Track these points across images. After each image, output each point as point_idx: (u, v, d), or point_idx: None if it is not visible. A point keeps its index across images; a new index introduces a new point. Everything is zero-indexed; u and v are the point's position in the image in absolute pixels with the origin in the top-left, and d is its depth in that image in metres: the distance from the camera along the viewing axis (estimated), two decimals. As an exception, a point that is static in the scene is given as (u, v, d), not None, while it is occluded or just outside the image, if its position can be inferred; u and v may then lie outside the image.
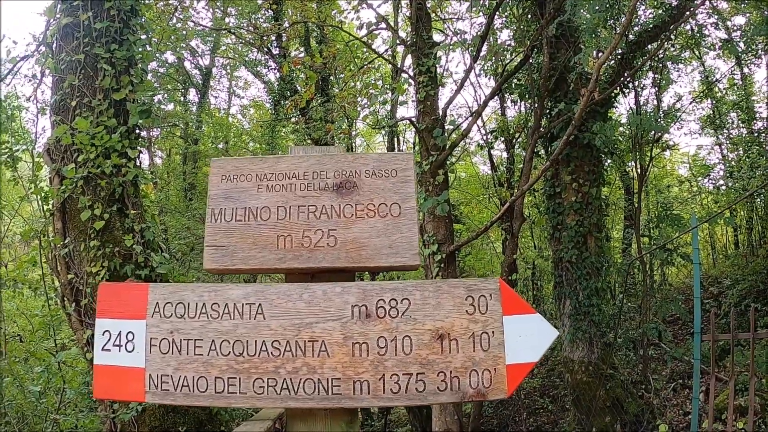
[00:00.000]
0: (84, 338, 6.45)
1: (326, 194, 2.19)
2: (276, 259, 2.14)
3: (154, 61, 16.04)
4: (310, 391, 1.93)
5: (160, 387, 1.98)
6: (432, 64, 10.11)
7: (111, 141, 6.50)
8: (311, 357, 1.96)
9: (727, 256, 20.09)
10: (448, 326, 1.98)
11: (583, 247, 10.19)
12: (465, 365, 1.94)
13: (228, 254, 2.16)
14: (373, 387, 1.93)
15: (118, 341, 2.05)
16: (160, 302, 2.07)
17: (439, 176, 9.36)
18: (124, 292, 2.13)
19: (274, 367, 1.96)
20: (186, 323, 2.04)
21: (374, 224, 2.15)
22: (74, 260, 6.57)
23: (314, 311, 2.02)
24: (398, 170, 2.23)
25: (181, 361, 2.00)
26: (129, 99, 7.01)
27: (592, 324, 9.99)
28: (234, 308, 2.03)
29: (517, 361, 1.94)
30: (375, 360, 1.95)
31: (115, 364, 2.02)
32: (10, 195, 16.12)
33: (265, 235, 2.17)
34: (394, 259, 2.12)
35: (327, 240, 2.14)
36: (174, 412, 6.30)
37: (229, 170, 2.26)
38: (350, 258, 2.12)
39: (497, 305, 2.01)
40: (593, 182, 10.43)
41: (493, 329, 1.98)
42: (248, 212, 2.20)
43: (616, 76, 10.38)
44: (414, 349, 1.96)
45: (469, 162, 23.32)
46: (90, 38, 6.94)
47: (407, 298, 2.02)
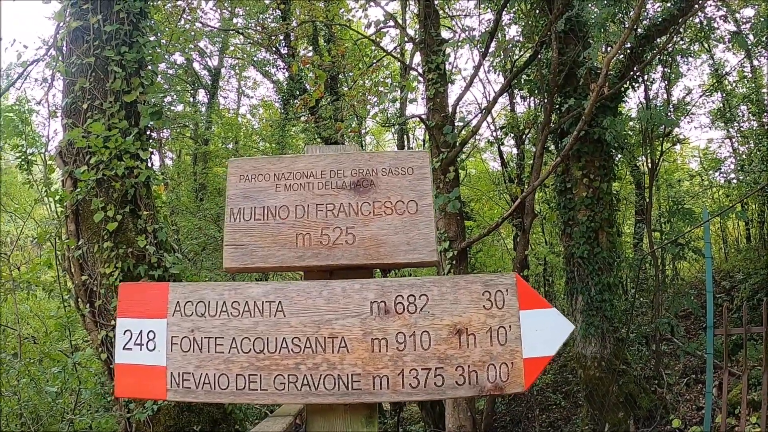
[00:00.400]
0: (98, 339, 6.50)
1: (344, 192, 2.22)
2: (295, 257, 2.17)
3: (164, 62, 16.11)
4: (331, 386, 1.95)
5: (181, 385, 2.01)
6: (441, 61, 10.11)
7: (125, 144, 6.54)
8: (331, 353, 1.99)
9: (739, 251, 19.97)
10: (465, 321, 2.00)
11: (595, 243, 10.17)
12: (483, 359, 1.96)
13: (248, 253, 2.18)
14: (392, 382, 1.95)
15: (140, 340, 2.07)
16: (181, 301, 2.10)
17: (450, 173, 9.37)
18: (145, 292, 2.15)
19: (295, 363, 1.98)
20: (207, 321, 2.06)
21: (392, 221, 2.18)
22: (88, 262, 6.62)
23: (334, 308, 2.04)
24: (414, 168, 2.26)
25: (202, 359, 2.02)
26: (140, 101, 7.05)
27: (604, 319, 9.97)
28: (254, 306, 2.06)
29: (534, 355, 1.96)
30: (394, 355, 1.97)
31: (137, 362, 2.05)
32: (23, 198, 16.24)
33: (284, 234, 2.19)
34: (412, 256, 2.15)
35: (345, 237, 2.16)
36: (189, 411, 6.34)
37: (247, 170, 2.29)
38: (368, 255, 2.14)
39: (514, 300, 2.03)
40: (604, 177, 10.40)
41: (510, 324, 2.00)
42: (267, 211, 2.22)
43: (626, 70, 10.34)
44: (432, 344, 1.98)
45: (479, 158, 23.31)
46: (100, 41, 6.98)
47: (425, 294, 2.04)
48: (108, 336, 6.43)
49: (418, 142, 18.84)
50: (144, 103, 7.05)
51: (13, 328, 8.36)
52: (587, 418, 10.32)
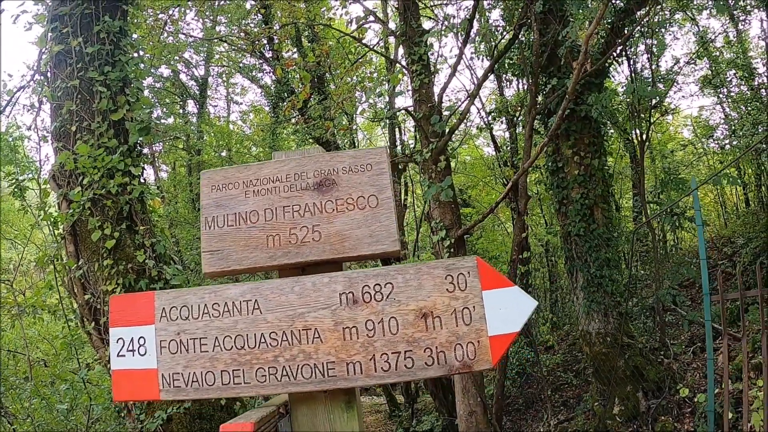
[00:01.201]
0: (106, 356, 6.57)
1: (308, 193, 2.34)
2: (267, 257, 2.29)
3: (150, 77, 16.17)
4: (308, 375, 2.07)
5: (172, 384, 2.14)
6: (423, 52, 10.16)
7: (112, 162, 6.61)
8: (306, 344, 2.10)
9: (738, 216, 20.05)
10: (430, 305, 2.10)
11: (590, 219, 10.23)
12: (449, 340, 2.06)
13: (223, 257, 2.32)
14: (365, 367, 2.06)
15: (131, 346, 2.21)
16: (166, 307, 2.23)
17: (441, 162, 9.43)
18: (133, 302, 2.28)
19: (273, 356, 2.10)
20: (191, 324, 2.19)
21: (354, 217, 2.30)
22: (89, 280, 6.69)
23: (305, 302, 2.16)
24: (373, 164, 2.37)
25: (189, 359, 2.15)
26: (127, 118, 7.11)
27: (605, 295, 10.04)
28: (233, 306, 2.18)
29: (499, 332, 2.06)
30: (365, 342, 2.09)
31: (131, 367, 2.20)
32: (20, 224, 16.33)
33: (256, 237, 2.32)
34: (376, 247, 2.26)
35: (312, 235, 2.28)
36: (200, 418, 6.42)
37: (218, 180, 2.42)
38: (335, 250, 2.26)
39: (476, 281, 2.12)
40: (594, 154, 10.45)
41: (474, 304, 2.09)
42: (238, 217, 2.35)
43: (608, 46, 10.39)
44: (400, 329, 2.09)
45: (472, 145, 23.37)
46: (83, 63, 7.04)
47: (390, 282, 2.15)
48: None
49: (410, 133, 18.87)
50: (131, 120, 7.12)
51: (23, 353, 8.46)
52: (596, 393, 10.40)
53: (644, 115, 12.28)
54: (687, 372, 10.21)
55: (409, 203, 18.78)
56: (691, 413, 9.09)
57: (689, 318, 10.71)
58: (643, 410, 9.61)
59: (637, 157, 15.00)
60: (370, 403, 20.80)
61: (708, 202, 22.44)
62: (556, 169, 10.75)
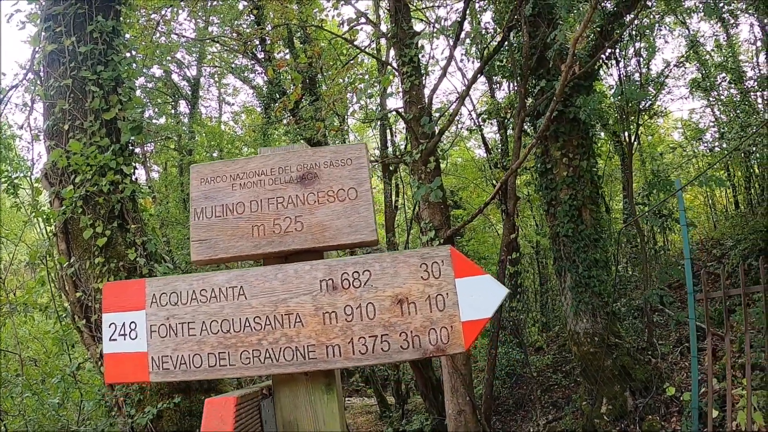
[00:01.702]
0: (97, 353, 6.62)
1: (291, 186, 2.46)
2: (252, 246, 2.41)
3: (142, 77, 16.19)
4: (290, 357, 2.17)
5: (161, 367, 2.25)
6: (414, 54, 10.21)
7: (105, 159, 6.66)
8: (288, 328, 2.21)
9: (727, 218, 20.20)
10: (406, 291, 2.21)
11: (579, 220, 10.34)
12: (424, 325, 2.17)
13: (211, 246, 2.43)
14: (343, 350, 2.17)
15: (123, 331, 2.31)
16: (156, 293, 2.33)
17: (431, 163, 9.49)
18: (125, 288, 2.39)
19: (257, 339, 2.21)
20: (179, 309, 2.29)
21: (335, 208, 2.41)
22: (81, 278, 6.74)
23: (288, 288, 2.26)
24: (353, 158, 2.48)
25: (177, 343, 2.26)
26: (119, 117, 7.16)
27: (593, 295, 10.14)
28: (219, 292, 2.29)
29: (471, 318, 2.16)
30: (344, 326, 2.19)
31: (122, 351, 2.30)
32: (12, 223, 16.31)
33: (242, 227, 2.43)
34: (354, 237, 2.38)
35: (295, 225, 2.40)
36: (190, 415, 6.48)
37: (207, 174, 2.53)
38: (316, 239, 2.38)
39: (449, 269, 2.23)
40: (583, 155, 10.55)
41: (447, 291, 2.20)
42: (225, 209, 2.47)
43: (597, 49, 10.49)
44: (377, 314, 2.20)
45: (463, 147, 23.47)
46: (76, 62, 7.09)
47: (368, 269, 2.26)
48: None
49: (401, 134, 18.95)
50: (123, 119, 7.17)
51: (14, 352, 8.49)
52: (585, 393, 10.49)
53: (633, 117, 12.38)
54: (674, 372, 10.32)
55: (399, 205, 18.83)
56: (678, 412, 9.19)
57: (677, 318, 10.81)
58: (631, 409, 9.71)
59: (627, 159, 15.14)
60: (360, 404, 20.84)
61: (697, 205, 22.60)
62: (545, 171, 10.85)
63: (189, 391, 6.60)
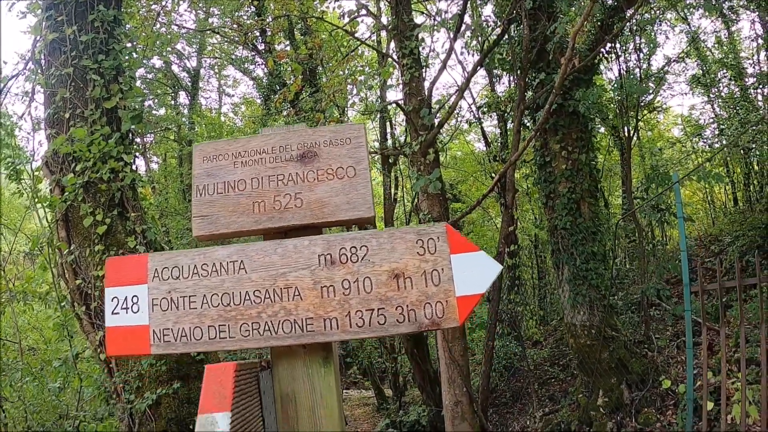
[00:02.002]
0: (97, 340, 6.66)
1: (292, 164, 2.51)
2: (252, 221, 2.46)
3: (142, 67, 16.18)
4: (288, 330, 2.22)
5: (162, 339, 2.29)
6: (414, 46, 10.22)
7: (108, 146, 6.68)
8: (287, 301, 2.25)
9: (726, 214, 20.24)
10: (402, 266, 2.26)
11: (577, 213, 10.37)
12: (419, 299, 2.22)
13: (212, 222, 2.49)
14: (341, 323, 2.22)
15: (125, 304, 2.35)
16: (159, 268, 2.38)
17: (430, 155, 9.51)
18: (128, 263, 2.44)
19: (257, 312, 2.26)
20: (181, 283, 2.34)
21: (333, 185, 2.46)
22: (81, 266, 6.77)
23: (287, 262, 2.31)
24: (352, 138, 2.54)
25: (179, 316, 2.30)
26: (120, 106, 7.18)
27: (591, 288, 10.18)
28: (220, 266, 2.34)
29: (466, 293, 2.21)
30: (341, 300, 2.24)
31: (124, 324, 2.35)
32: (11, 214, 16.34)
33: (243, 203, 2.49)
34: (352, 213, 2.43)
35: (294, 202, 2.45)
36: (188, 402, 6.51)
37: (209, 152, 2.59)
38: (315, 215, 2.43)
39: (445, 246, 2.28)
40: (582, 149, 10.59)
41: (443, 267, 2.25)
42: (227, 185, 2.52)
43: (597, 43, 10.50)
44: (374, 288, 2.24)
45: (463, 140, 23.48)
46: (77, 51, 7.10)
47: (365, 245, 2.31)
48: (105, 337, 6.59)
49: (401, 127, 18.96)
50: (124, 108, 7.19)
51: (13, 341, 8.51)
52: (581, 386, 10.54)
53: (632, 112, 12.40)
54: (671, 365, 10.37)
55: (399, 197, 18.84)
56: (674, 405, 9.24)
57: (673, 312, 10.86)
58: (627, 402, 9.76)
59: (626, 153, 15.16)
60: (358, 397, 20.92)
61: (696, 201, 22.63)
62: (544, 164, 10.89)
63: (188, 378, 6.64)
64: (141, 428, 6.52)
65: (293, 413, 2.22)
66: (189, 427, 6.50)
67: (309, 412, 2.22)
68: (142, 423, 6.50)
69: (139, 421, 6.50)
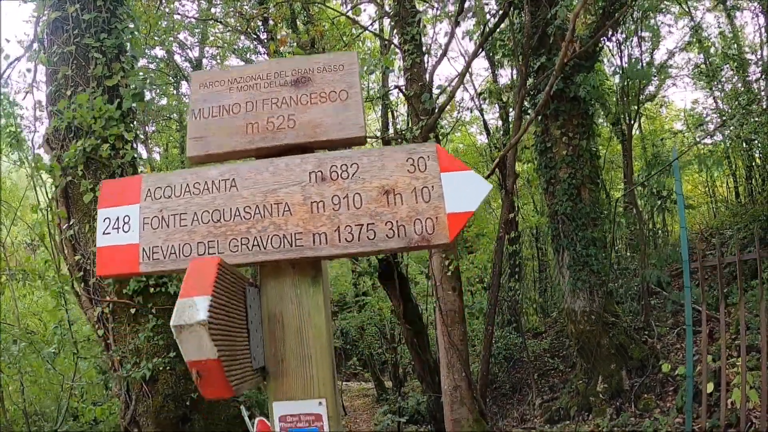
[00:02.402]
0: (95, 316, 6.67)
1: (286, 89, 2.52)
2: (246, 141, 2.47)
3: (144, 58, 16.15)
4: (277, 245, 2.22)
5: (152, 257, 2.29)
6: (416, 33, 10.25)
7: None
8: (277, 216, 2.26)
9: (728, 207, 20.23)
10: (392, 183, 2.26)
11: (577, 199, 10.39)
12: (410, 215, 2.21)
13: (207, 144, 2.50)
14: (330, 237, 2.21)
15: (117, 224, 2.35)
16: (152, 188, 2.39)
17: (431, 139, 9.51)
18: (122, 185, 2.45)
19: (246, 228, 2.26)
20: (173, 201, 2.35)
21: (326, 108, 2.47)
22: (80, 242, 6.78)
23: (278, 180, 2.32)
24: (345, 65, 2.55)
25: (169, 233, 2.31)
26: (122, 84, 7.19)
27: (591, 273, 10.19)
28: (212, 184, 2.35)
29: (456, 210, 2.21)
30: (331, 215, 2.24)
31: (115, 243, 2.33)
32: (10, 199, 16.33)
33: (237, 125, 2.50)
34: (344, 133, 2.43)
35: (288, 123, 2.46)
36: (185, 378, 6.51)
37: (206, 79, 2.61)
38: (307, 135, 2.44)
39: (435, 164, 2.28)
40: (583, 135, 10.61)
41: (433, 184, 2.25)
42: (222, 109, 2.53)
43: (599, 30, 10.50)
44: (364, 204, 2.24)
45: (465, 132, 23.50)
46: (79, 29, 7.11)
47: (356, 162, 2.31)
48: (103, 312, 6.62)
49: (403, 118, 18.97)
50: (126, 86, 7.20)
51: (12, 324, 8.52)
52: (581, 372, 10.54)
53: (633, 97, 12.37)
54: (671, 352, 10.36)
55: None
56: (674, 391, 9.24)
57: (672, 299, 10.86)
58: (627, 388, 9.76)
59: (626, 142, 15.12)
60: (358, 388, 20.99)
61: (698, 195, 22.61)
62: (545, 150, 10.90)
63: (186, 354, 6.62)
64: (138, 405, 6.54)
65: (280, 333, 2.22)
66: (186, 403, 6.51)
67: (296, 332, 2.21)
68: (138, 399, 6.52)
69: (135, 397, 6.52)
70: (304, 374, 2.19)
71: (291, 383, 2.19)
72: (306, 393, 2.17)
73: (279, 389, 2.20)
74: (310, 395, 2.17)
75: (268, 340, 2.22)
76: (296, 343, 2.21)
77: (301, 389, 2.18)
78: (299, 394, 2.18)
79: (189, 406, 6.54)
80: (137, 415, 6.56)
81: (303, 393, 2.18)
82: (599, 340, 9.90)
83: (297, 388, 2.18)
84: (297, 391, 2.18)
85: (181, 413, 6.55)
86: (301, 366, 2.20)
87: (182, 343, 1.74)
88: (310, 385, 2.18)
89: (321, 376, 2.18)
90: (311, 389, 2.17)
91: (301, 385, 2.18)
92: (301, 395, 2.17)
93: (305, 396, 2.17)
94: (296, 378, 2.19)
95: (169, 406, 6.51)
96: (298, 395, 2.17)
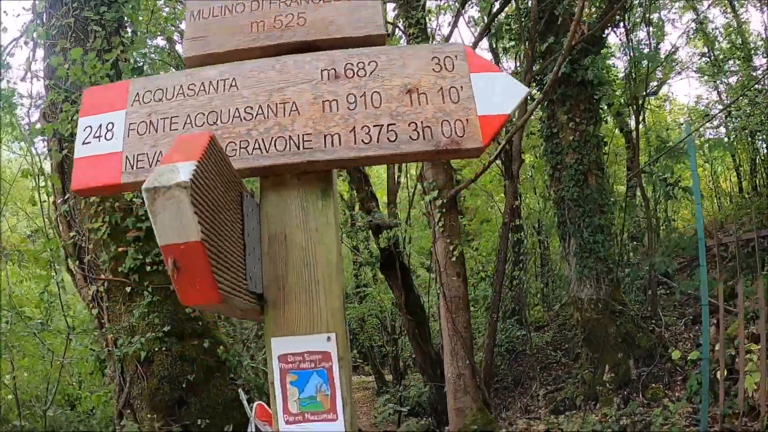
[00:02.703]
0: (89, 294, 6.50)
1: None
2: (249, 40, 2.20)
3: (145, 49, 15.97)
4: (282, 148, 1.94)
5: (135, 166, 1.99)
6: (421, 17, 10.14)
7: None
8: (282, 117, 1.98)
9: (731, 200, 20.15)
10: (415, 82, 2.01)
11: (584, 185, 10.23)
12: (436, 116, 1.96)
13: (206, 43, 2.22)
14: (344, 139, 1.94)
15: (98, 132, 2.06)
16: (140, 92, 2.11)
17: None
18: (107, 91, 2.18)
19: (246, 130, 1.98)
20: (163, 105, 2.07)
21: (339, 6, 2.21)
22: (75, 218, 6.63)
23: (285, 78, 2.05)
24: None
25: (157, 138, 2.02)
26: (121, 59, 7.00)
27: (598, 261, 10.02)
28: (209, 85, 2.07)
29: (489, 113, 1.96)
30: (345, 114, 1.97)
31: (94, 153, 2.04)
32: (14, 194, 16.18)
33: (240, 24, 2.23)
34: (361, 31, 2.17)
35: (297, 21, 2.20)
36: (181, 359, 6.32)
37: None
38: (319, 32, 2.17)
39: (464, 64, 2.04)
40: (590, 120, 10.48)
41: (462, 84, 2.00)
42: (224, 9, 2.26)
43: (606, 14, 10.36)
44: (384, 103, 1.98)
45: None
46: (78, 2, 6.98)
47: (374, 60, 2.06)
48: (98, 291, 6.44)
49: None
50: (125, 60, 7.02)
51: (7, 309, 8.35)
52: (587, 361, 10.37)
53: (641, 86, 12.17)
54: (678, 342, 10.20)
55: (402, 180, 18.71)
56: (683, 381, 9.07)
57: (681, 288, 10.70)
58: (634, 378, 9.58)
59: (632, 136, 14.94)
60: (358, 381, 20.84)
61: (702, 188, 22.45)
62: (551, 135, 10.76)
63: (183, 336, 6.45)
64: (132, 387, 6.35)
65: (283, 253, 1.91)
66: (182, 386, 6.31)
67: (301, 251, 1.91)
68: (133, 382, 6.33)
69: (130, 379, 6.33)
70: (309, 303, 1.85)
71: (294, 313, 1.85)
72: (312, 326, 1.83)
73: (279, 321, 1.85)
74: (316, 329, 1.83)
75: (268, 263, 1.91)
76: (302, 265, 1.89)
77: (305, 322, 1.84)
78: (303, 327, 1.83)
79: (185, 389, 6.34)
80: (131, 398, 6.38)
81: (308, 326, 1.83)
82: (606, 328, 9.72)
83: (301, 320, 1.84)
84: (301, 323, 1.84)
85: (177, 396, 6.35)
86: (306, 293, 1.87)
87: (156, 216, 1.37)
88: (317, 316, 1.84)
89: (330, 306, 1.85)
90: (318, 322, 1.84)
91: (306, 315, 1.84)
92: (306, 329, 1.83)
93: (311, 330, 1.83)
94: (300, 307, 1.85)
95: (164, 389, 6.31)
96: (302, 329, 1.83)
